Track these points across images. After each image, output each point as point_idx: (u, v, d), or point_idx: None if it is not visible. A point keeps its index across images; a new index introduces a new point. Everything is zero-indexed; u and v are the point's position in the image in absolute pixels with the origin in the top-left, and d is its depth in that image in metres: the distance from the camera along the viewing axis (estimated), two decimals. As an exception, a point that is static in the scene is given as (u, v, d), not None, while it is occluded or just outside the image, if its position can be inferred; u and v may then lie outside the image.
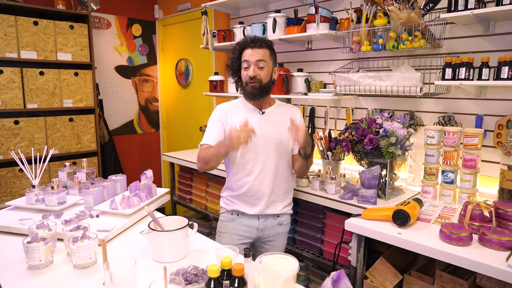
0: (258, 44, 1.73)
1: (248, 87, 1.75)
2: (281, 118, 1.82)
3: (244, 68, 1.76)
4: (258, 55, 1.72)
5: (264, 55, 1.74)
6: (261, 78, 1.74)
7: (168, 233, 1.21)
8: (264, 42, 1.75)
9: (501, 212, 1.44)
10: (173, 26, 4.15)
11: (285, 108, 1.89)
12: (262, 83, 1.74)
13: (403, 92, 1.99)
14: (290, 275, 0.95)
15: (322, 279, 2.23)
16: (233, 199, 1.84)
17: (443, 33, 2.00)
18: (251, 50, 1.73)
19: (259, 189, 1.77)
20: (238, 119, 1.77)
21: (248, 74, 1.73)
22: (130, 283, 0.99)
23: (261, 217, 1.81)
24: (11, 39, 2.87)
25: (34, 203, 1.65)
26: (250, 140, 1.54)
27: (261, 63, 1.73)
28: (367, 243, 1.63)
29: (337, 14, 2.50)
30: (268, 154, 1.77)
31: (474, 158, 1.75)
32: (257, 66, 1.72)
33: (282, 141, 1.78)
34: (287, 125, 1.73)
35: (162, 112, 4.48)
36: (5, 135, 2.91)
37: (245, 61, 1.74)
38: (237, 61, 1.80)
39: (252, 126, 1.56)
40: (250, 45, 1.74)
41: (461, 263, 1.28)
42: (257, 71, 1.73)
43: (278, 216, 1.84)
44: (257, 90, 1.74)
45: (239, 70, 1.81)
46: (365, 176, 1.82)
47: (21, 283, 1.10)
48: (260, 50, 1.73)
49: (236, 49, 1.79)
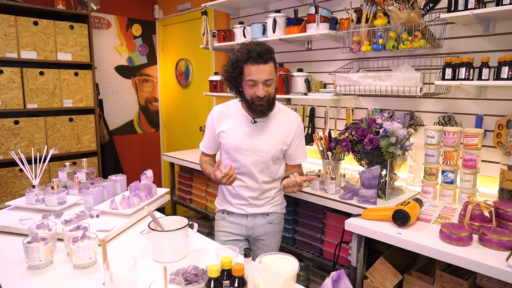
0: (264, 59, 1.55)
1: (256, 105, 1.62)
2: (275, 127, 1.73)
3: (250, 85, 1.60)
4: (265, 73, 1.56)
5: (271, 72, 1.59)
6: (269, 95, 1.62)
7: (168, 233, 1.21)
8: (269, 54, 1.57)
9: (501, 212, 1.44)
10: (173, 26, 4.15)
11: (284, 115, 1.77)
12: (270, 98, 1.64)
13: (403, 92, 1.99)
14: (290, 275, 0.95)
15: (322, 279, 2.23)
16: (223, 199, 1.85)
17: (443, 33, 2.00)
18: (257, 66, 1.55)
19: (247, 193, 1.75)
20: (228, 126, 1.74)
21: (257, 93, 1.58)
22: (130, 283, 0.99)
23: (249, 216, 1.78)
24: (11, 39, 2.87)
25: (34, 203, 1.65)
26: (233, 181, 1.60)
27: (269, 81, 1.59)
28: (367, 243, 1.63)
29: (337, 14, 2.50)
30: (255, 163, 1.72)
31: (474, 158, 1.75)
32: (265, 84, 1.59)
33: (270, 153, 1.71)
34: (280, 134, 1.71)
35: (162, 112, 4.48)
36: (5, 135, 2.91)
37: (250, 80, 1.58)
38: (240, 77, 1.62)
39: (233, 171, 1.57)
40: (256, 61, 1.55)
41: (461, 263, 1.28)
42: (265, 89, 1.59)
43: (268, 215, 1.81)
44: (266, 108, 1.64)
45: (240, 84, 1.65)
46: (365, 176, 1.82)
47: (21, 283, 1.10)
48: (267, 67, 1.56)
49: (238, 65, 1.60)
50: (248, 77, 1.58)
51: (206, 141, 1.86)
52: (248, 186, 1.75)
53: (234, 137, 1.72)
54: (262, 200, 1.78)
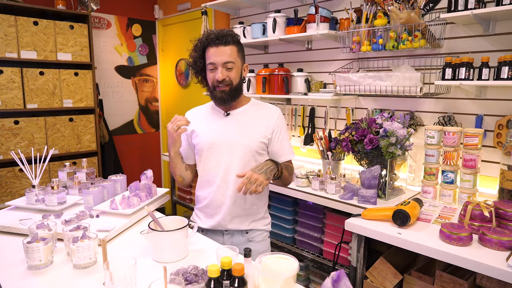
0: (223, 41, 1.49)
1: (217, 92, 1.53)
2: (252, 119, 1.59)
3: (210, 69, 1.53)
4: (224, 55, 1.49)
5: (232, 55, 1.51)
6: (230, 80, 1.52)
7: (168, 233, 1.21)
8: (230, 37, 1.51)
9: (501, 212, 1.44)
10: (173, 26, 4.15)
11: (260, 107, 1.65)
12: (233, 85, 1.53)
13: (403, 92, 1.99)
14: (290, 275, 0.95)
15: (322, 279, 2.23)
16: (198, 213, 1.67)
17: (443, 33, 2.00)
18: (216, 48, 1.50)
19: (221, 201, 1.56)
20: (199, 124, 1.62)
21: (215, 77, 1.51)
22: (130, 283, 0.99)
23: (225, 233, 1.59)
24: (11, 39, 2.87)
25: (34, 203, 1.65)
26: (185, 125, 1.46)
27: (229, 64, 1.51)
28: (367, 243, 1.63)
29: (337, 14, 2.50)
30: (231, 161, 1.54)
31: (474, 158, 1.75)
32: (225, 67, 1.51)
33: (249, 146, 1.54)
34: (258, 127, 1.56)
35: (162, 112, 4.48)
36: (5, 135, 2.91)
37: (210, 64, 1.52)
38: (200, 60, 1.57)
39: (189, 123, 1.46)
40: (214, 43, 1.50)
41: (461, 263, 1.28)
42: (225, 73, 1.51)
43: (247, 232, 1.60)
44: (228, 95, 1.53)
45: (204, 70, 1.59)
46: (365, 176, 1.82)
47: (21, 283, 1.10)
48: (227, 48, 1.50)
49: (198, 47, 1.56)
50: (208, 60, 1.53)
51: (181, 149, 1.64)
52: (223, 192, 1.55)
53: (206, 133, 1.58)
54: (239, 208, 1.56)
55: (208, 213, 1.60)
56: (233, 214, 1.56)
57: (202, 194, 1.62)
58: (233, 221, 1.57)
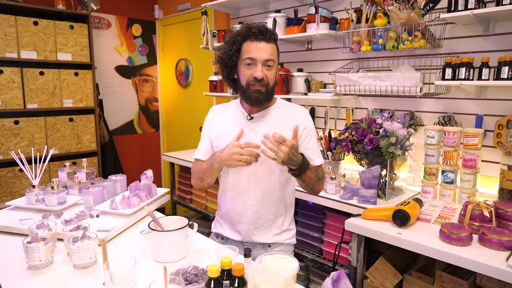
0: (267, 37, 1.38)
1: (251, 91, 1.40)
2: (276, 123, 1.46)
3: (247, 65, 1.39)
4: (267, 52, 1.37)
5: (273, 53, 1.40)
6: (268, 80, 1.40)
7: (168, 233, 1.21)
8: (272, 35, 1.40)
9: (501, 212, 1.44)
10: (173, 26, 4.15)
11: (286, 109, 1.52)
12: (269, 86, 1.41)
13: (403, 92, 1.99)
14: (290, 275, 0.95)
15: (322, 279, 2.23)
16: (219, 218, 1.61)
17: (443, 33, 2.00)
18: (258, 43, 1.37)
19: (241, 211, 1.49)
20: (221, 124, 1.52)
21: (254, 75, 1.38)
22: (130, 283, 0.99)
23: (246, 245, 1.51)
24: (11, 39, 2.87)
25: (34, 203, 1.65)
26: (254, 160, 1.29)
27: (270, 62, 1.39)
28: (367, 243, 1.63)
29: (337, 14, 2.50)
30: (253, 169, 1.44)
31: (474, 158, 1.75)
32: (265, 65, 1.38)
33: None
34: (284, 130, 1.36)
35: (162, 112, 4.48)
36: (5, 135, 2.91)
37: (249, 58, 1.38)
38: (236, 55, 1.41)
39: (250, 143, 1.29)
40: (256, 37, 1.37)
41: (461, 263, 1.28)
42: (264, 72, 1.38)
43: (269, 246, 1.51)
44: (264, 95, 1.41)
45: (235, 66, 1.45)
46: (365, 176, 1.82)
47: (21, 283, 1.10)
48: (269, 46, 1.38)
49: (237, 40, 1.41)
50: (246, 55, 1.38)
51: (203, 145, 1.56)
52: (244, 201, 1.48)
53: (229, 138, 1.42)
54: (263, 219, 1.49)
55: (229, 221, 1.54)
56: (255, 226, 1.49)
57: (221, 200, 1.57)
58: (256, 234, 1.50)
